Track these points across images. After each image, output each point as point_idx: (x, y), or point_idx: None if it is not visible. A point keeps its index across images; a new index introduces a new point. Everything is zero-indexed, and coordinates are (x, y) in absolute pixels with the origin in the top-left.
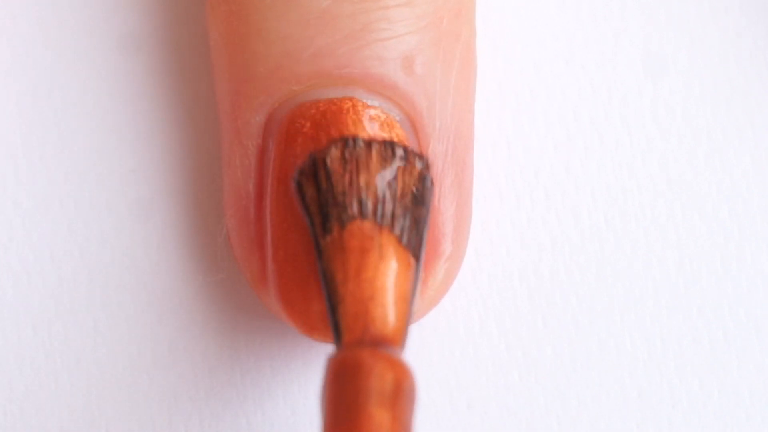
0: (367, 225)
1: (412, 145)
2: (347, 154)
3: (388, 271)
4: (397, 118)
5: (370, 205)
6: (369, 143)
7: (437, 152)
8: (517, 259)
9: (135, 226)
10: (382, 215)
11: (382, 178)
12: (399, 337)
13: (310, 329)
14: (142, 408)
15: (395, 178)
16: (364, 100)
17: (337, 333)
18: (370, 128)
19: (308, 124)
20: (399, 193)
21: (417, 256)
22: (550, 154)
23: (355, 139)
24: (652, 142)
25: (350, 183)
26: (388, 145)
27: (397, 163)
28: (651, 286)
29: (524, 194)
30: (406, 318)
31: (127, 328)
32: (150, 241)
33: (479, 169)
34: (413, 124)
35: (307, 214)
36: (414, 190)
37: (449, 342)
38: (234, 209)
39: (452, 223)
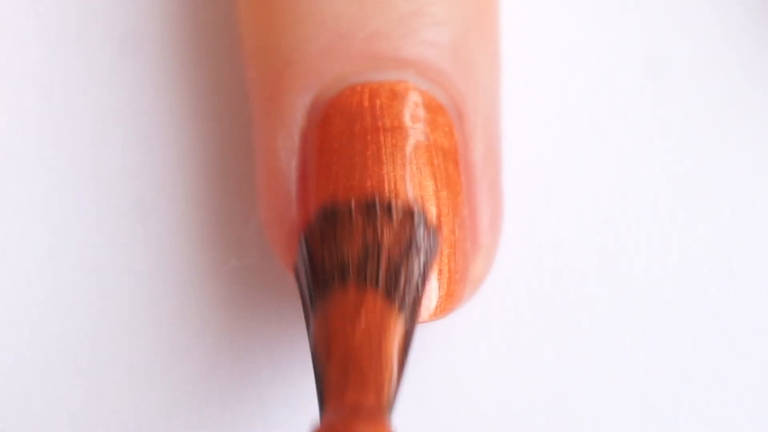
0: (349, 290)
1: (457, 133)
2: (326, 225)
3: (370, 331)
4: (446, 104)
5: (351, 270)
6: (347, 209)
7: (480, 143)
8: (517, 259)
9: (134, 227)
10: (365, 276)
11: (365, 239)
12: (380, 400)
13: None
14: (141, 409)
15: (379, 234)
16: (416, 84)
17: (320, 404)
18: (418, 114)
19: (356, 106)
20: (383, 248)
21: (408, 308)
22: (550, 154)
23: (333, 206)
24: (652, 142)
25: (330, 253)
26: (369, 205)
27: (380, 218)
28: (652, 286)
29: (524, 194)
30: (389, 376)
31: (126, 329)
32: (149, 242)
33: None
34: (460, 113)
35: (300, 294)
36: (401, 240)
37: (449, 342)
38: (273, 193)
39: (491, 215)
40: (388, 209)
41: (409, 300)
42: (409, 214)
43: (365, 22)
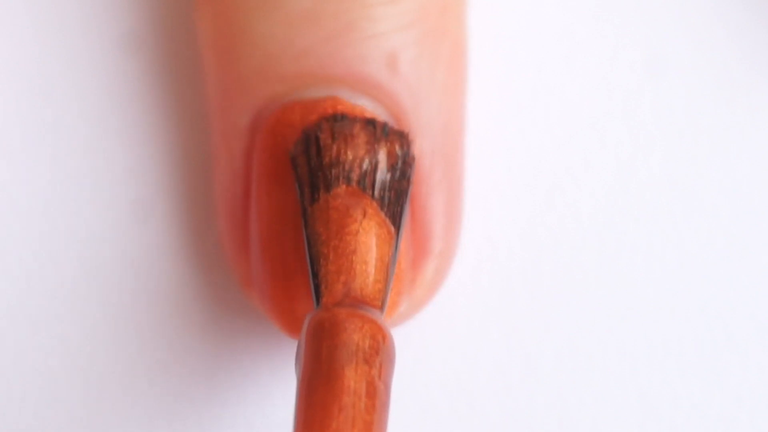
0: (352, 189)
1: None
2: (336, 129)
3: (371, 229)
4: (383, 117)
5: (354, 176)
6: (354, 120)
7: (424, 150)
8: (517, 259)
9: (134, 226)
10: (366, 185)
11: (367, 152)
12: (379, 298)
13: (295, 331)
14: (141, 409)
15: (378, 152)
16: (349, 100)
17: (317, 295)
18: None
19: (288, 125)
20: (381, 166)
21: (397, 227)
22: (550, 154)
23: (342, 115)
24: (652, 142)
25: (338, 155)
26: (372, 123)
27: (380, 139)
28: (652, 286)
29: (524, 194)
30: (386, 281)
31: (126, 329)
32: (149, 241)
33: (479, 169)
34: (399, 122)
35: (299, 186)
36: (396, 164)
37: (449, 342)
38: (223, 211)
39: (441, 220)
40: (384, 129)
41: (397, 217)
42: (399, 135)
43: (293, 41)
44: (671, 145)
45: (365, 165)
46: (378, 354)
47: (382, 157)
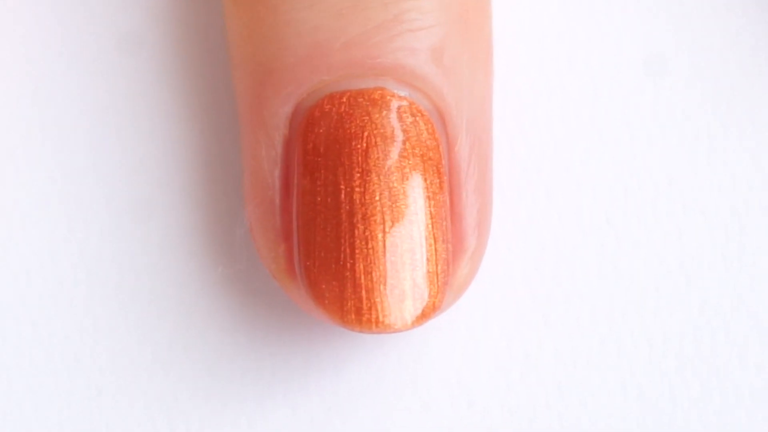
0: None
1: (439, 138)
2: None
3: None
4: (426, 109)
5: None
6: None
7: (465, 145)
8: (518, 259)
9: (134, 226)
10: None
11: None
12: None
13: (342, 318)
14: (142, 408)
15: None
16: (394, 91)
17: None
18: (398, 120)
19: (336, 114)
20: None
21: None
22: (550, 154)
23: None
24: (652, 142)
25: None
26: None
27: None
28: (652, 285)
29: (524, 194)
30: None
31: (126, 328)
32: (149, 241)
33: None
34: (442, 117)
35: None
36: None
37: (449, 342)
38: (258, 201)
39: (476, 219)
40: None
41: None
42: None
43: (342, 32)
44: (671, 144)
45: None
46: None
47: None
